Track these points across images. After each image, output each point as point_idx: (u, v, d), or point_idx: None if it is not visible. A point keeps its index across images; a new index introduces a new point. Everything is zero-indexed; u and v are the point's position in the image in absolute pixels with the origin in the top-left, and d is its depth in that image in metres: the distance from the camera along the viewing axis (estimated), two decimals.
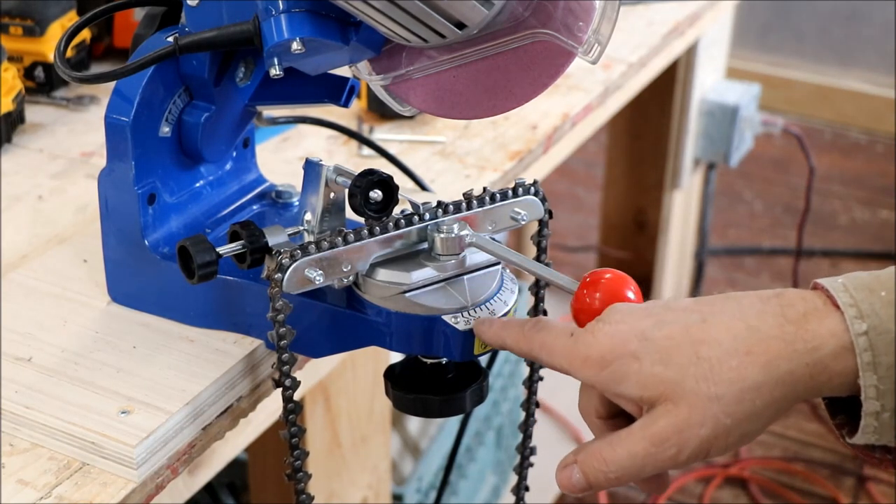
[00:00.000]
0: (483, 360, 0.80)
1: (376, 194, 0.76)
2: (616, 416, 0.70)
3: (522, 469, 0.92)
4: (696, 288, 2.39)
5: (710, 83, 2.02)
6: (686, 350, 0.63)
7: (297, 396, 0.77)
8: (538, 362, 0.74)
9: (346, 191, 0.77)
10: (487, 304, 0.76)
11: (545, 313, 0.87)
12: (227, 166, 0.90)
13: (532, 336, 0.70)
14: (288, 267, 0.72)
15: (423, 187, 1.06)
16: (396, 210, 0.77)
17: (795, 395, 0.63)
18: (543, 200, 0.83)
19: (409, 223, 0.77)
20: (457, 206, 0.79)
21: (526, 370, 0.89)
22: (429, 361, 0.78)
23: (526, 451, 0.91)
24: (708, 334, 0.64)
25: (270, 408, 0.86)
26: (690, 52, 1.91)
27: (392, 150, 1.10)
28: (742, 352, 0.63)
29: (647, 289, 2.23)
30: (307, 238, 0.80)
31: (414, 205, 0.78)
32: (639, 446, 0.64)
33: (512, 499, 0.94)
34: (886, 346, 0.61)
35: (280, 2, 0.71)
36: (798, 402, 0.65)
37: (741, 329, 0.64)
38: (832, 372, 0.62)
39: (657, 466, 0.65)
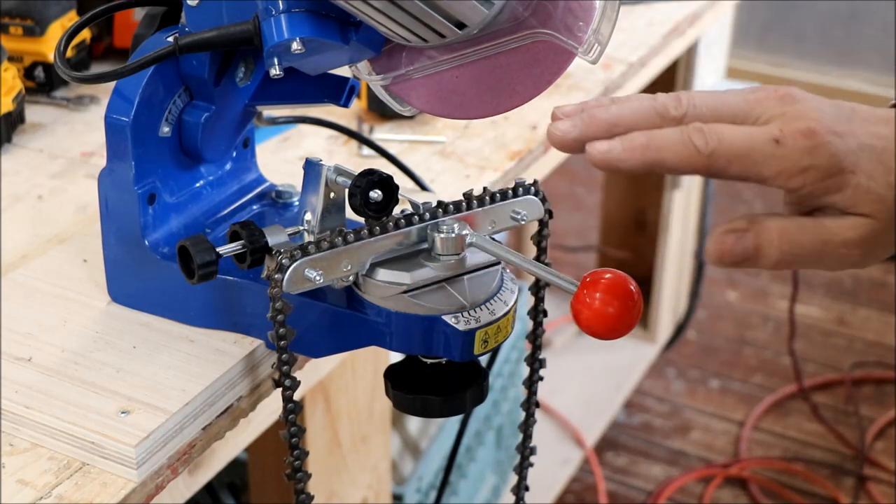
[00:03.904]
0: (483, 360, 0.80)
1: (376, 194, 0.76)
2: None
3: (522, 469, 0.92)
4: (696, 288, 2.39)
5: (710, 83, 2.02)
6: (881, 177, 0.64)
7: (297, 396, 0.77)
8: (723, 173, 0.66)
9: (346, 191, 0.77)
10: (487, 304, 0.76)
11: (545, 314, 0.87)
12: (227, 166, 0.90)
13: (711, 153, 0.65)
14: (288, 267, 0.72)
15: (423, 187, 1.06)
16: (396, 210, 0.77)
17: None
18: (543, 200, 0.83)
19: (409, 223, 0.77)
20: (457, 206, 0.79)
21: (526, 370, 0.89)
22: (429, 361, 0.78)
23: (526, 451, 0.91)
24: (892, 163, 0.65)
25: (270, 408, 0.86)
26: (690, 52, 1.91)
27: (392, 150, 1.10)
28: None
29: (647, 289, 2.23)
30: (307, 238, 0.80)
31: (414, 205, 0.78)
32: (833, 240, 0.65)
33: (512, 499, 0.94)
34: None
35: (280, 2, 0.72)
36: None
37: None
38: None
39: (836, 266, 0.66)
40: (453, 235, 0.76)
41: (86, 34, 1.27)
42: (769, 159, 0.65)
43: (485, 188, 0.80)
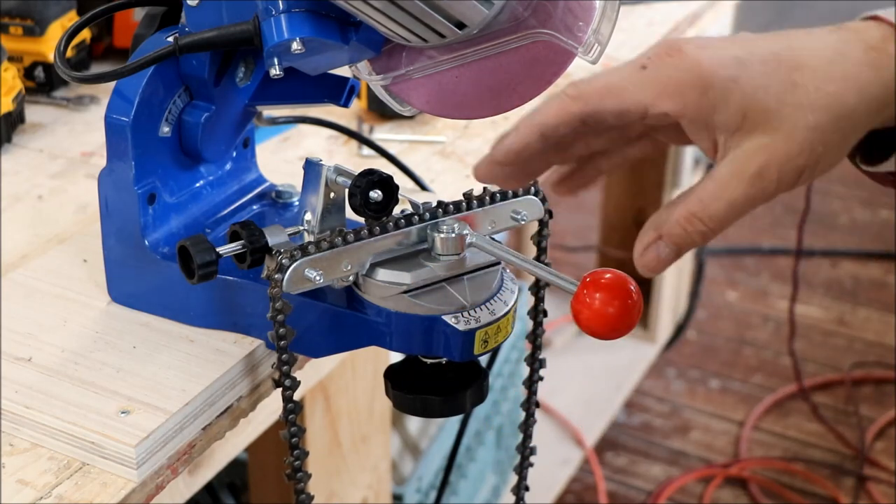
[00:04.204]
0: (483, 360, 0.80)
1: (376, 194, 0.76)
2: None
3: (522, 469, 0.92)
4: (696, 288, 2.39)
5: None
6: (782, 76, 0.60)
7: (297, 396, 0.77)
8: (595, 115, 0.65)
9: (346, 191, 0.77)
10: (487, 304, 0.76)
11: (545, 314, 0.87)
12: (227, 166, 0.90)
13: (577, 95, 0.64)
14: (288, 267, 0.72)
15: (423, 187, 1.06)
16: (396, 210, 0.77)
17: (875, 121, 0.61)
18: (543, 200, 0.83)
19: (409, 223, 0.77)
20: (457, 206, 0.79)
21: (526, 370, 0.89)
22: (429, 361, 0.78)
23: (526, 451, 0.91)
24: (800, 60, 0.60)
25: (270, 408, 0.86)
26: None
27: (392, 150, 1.10)
28: (838, 77, 0.60)
29: (647, 289, 2.23)
30: (307, 238, 0.80)
31: (414, 205, 0.78)
32: (738, 191, 0.61)
33: (512, 499, 0.94)
34: None
35: (280, 2, 0.72)
36: (869, 129, 0.62)
37: (831, 54, 0.60)
38: None
39: (753, 206, 0.62)
40: (453, 235, 0.76)
41: (86, 34, 1.27)
42: (638, 85, 0.63)
43: (485, 188, 0.80)
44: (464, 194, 0.79)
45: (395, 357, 0.82)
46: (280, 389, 0.76)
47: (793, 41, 0.62)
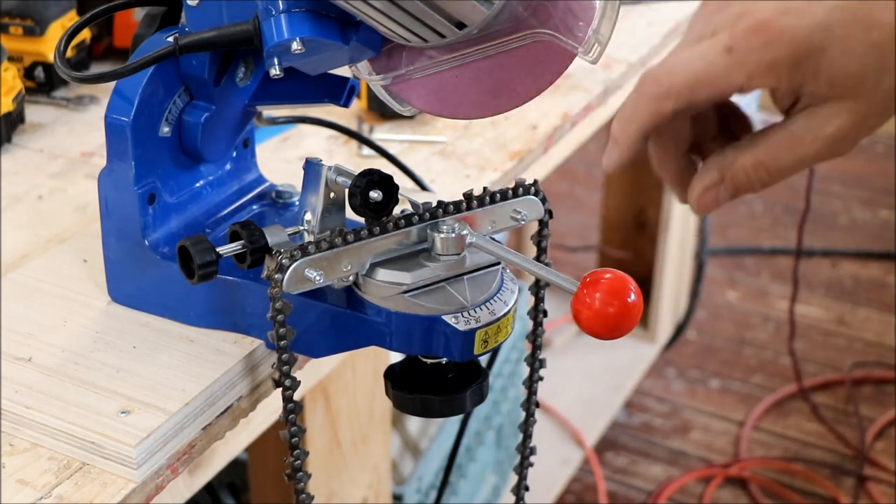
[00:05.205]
0: (483, 360, 0.80)
1: (376, 194, 0.76)
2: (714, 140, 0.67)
3: (522, 469, 0.92)
4: (696, 288, 2.39)
5: None
6: (862, 37, 0.59)
7: (297, 396, 0.77)
8: (691, 107, 0.64)
9: (346, 191, 0.77)
10: (487, 304, 0.76)
11: (545, 314, 0.87)
12: (227, 166, 0.90)
13: (669, 89, 0.62)
14: (288, 267, 0.72)
15: (423, 187, 1.06)
16: (396, 210, 0.77)
17: None
18: (543, 200, 0.83)
19: (409, 223, 0.77)
20: (457, 206, 0.79)
21: (526, 370, 0.89)
22: (429, 361, 0.78)
23: (526, 451, 0.91)
24: (875, 17, 0.59)
25: (270, 408, 0.86)
26: None
27: (392, 150, 1.10)
28: None
29: (647, 289, 2.23)
30: (307, 238, 0.80)
31: (414, 205, 0.78)
32: (811, 149, 0.61)
33: (512, 499, 0.94)
34: None
35: (280, 2, 0.71)
36: None
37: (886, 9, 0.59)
38: None
39: (818, 163, 0.62)
40: (453, 235, 0.76)
41: (86, 34, 1.27)
42: (729, 70, 0.61)
43: (485, 188, 0.80)
44: (464, 194, 0.79)
45: (395, 357, 0.82)
46: (280, 389, 0.76)
47: None
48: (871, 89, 0.60)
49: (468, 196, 0.79)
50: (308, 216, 0.80)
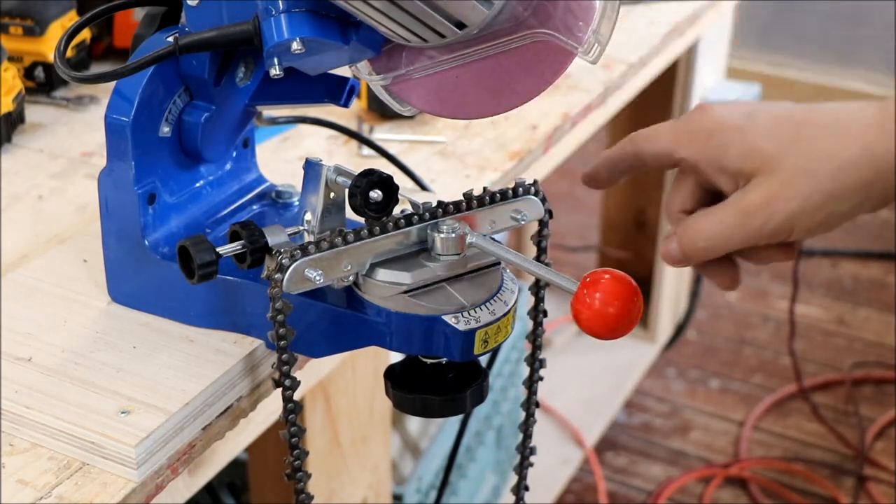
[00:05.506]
0: (483, 360, 0.80)
1: (376, 194, 0.76)
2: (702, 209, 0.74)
3: (522, 469, 0.92)
4: (696, 288, 2.39)
5: (710, 83, 2.02)
6: (788, 128, 0.66)
7: (297, 396, 0.77)
8: (639, 156, 0.76)
9: (346, 191, 0.77)
10: (487, 304, 0.76)
11: (545, 314, 0.87)
12: (227, 166, 0.90)
13: (632, 137, 0.75)
14: (288, 267, 0.72)
15: (423, 187, 1.06)
16: (396, 210, 0.77)
17: (886, 184, 0.65)
18: (543, 200, 0.83)
19: (409, 223, 0.77)
20: (457, 206, 0.79)
21: (526, 370, 0.89)
22: (429, 361, 0.78)
23: (526, 451, 0.91)
24: (810, 118, 0.66)
25: (270, 408, 0.86)
26: (690, 53, 1.91)
27: (392, 150, 1.10)
28: (842, 133, 0.65)
29: (647, 289, 2.23)
30: (307, 238, 0.80)
31: (414, 205, 0.78)
32: (728, 216, 0.68)
33: (512, 499, 0.94)
34: None
35: (280, 2, 0.71)
36: (887, 196, 0.67)
37: (843, 115, 0.66)
38: None
39: (743, 237, 0.68)
40: (453, 235, 0.76)
41: (86, 34, 1.27)
42: (666, 133, 0.72)
43: (485, 188, 0.80)
44: (464, 194, 0.79)
45: (395, 357, 0.82)
46: (280, 389, 0.76)
47: (817, 105, 0.68)
48: (785, 172, 0.66)
49: (468, 196, 0.79)
50: (308, 216, 0.80)
